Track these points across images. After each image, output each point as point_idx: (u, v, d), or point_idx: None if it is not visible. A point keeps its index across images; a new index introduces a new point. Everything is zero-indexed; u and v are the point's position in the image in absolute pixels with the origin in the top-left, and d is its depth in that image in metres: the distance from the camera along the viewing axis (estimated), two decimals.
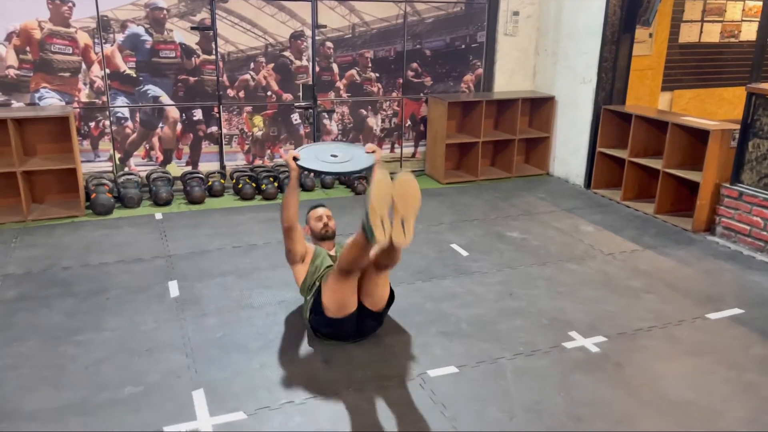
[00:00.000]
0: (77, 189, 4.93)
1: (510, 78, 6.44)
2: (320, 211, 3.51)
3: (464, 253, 4.34)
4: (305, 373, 2.90)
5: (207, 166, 5.59)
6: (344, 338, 3.14)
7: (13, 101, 4.92)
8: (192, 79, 5.35)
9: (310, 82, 5.73)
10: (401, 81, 6.06)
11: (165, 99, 5.32)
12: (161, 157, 5.46)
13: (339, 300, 3.00)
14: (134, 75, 5.18)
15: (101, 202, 4.92)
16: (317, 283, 3.16)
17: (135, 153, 5.38)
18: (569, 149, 6.14)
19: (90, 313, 3.41)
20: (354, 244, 2.84)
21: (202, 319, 3.37)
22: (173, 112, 5.38)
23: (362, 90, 5.95)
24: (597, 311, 3.56)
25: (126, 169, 5.38)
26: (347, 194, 5.63)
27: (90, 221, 4.80)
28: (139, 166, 5.41)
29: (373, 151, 3.38)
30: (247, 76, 5.52)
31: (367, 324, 3.13)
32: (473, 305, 3.60)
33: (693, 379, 2.94)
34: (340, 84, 5.85)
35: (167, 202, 5.19)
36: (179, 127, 5.43)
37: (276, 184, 5.46)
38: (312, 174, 5.19)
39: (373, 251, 2.82)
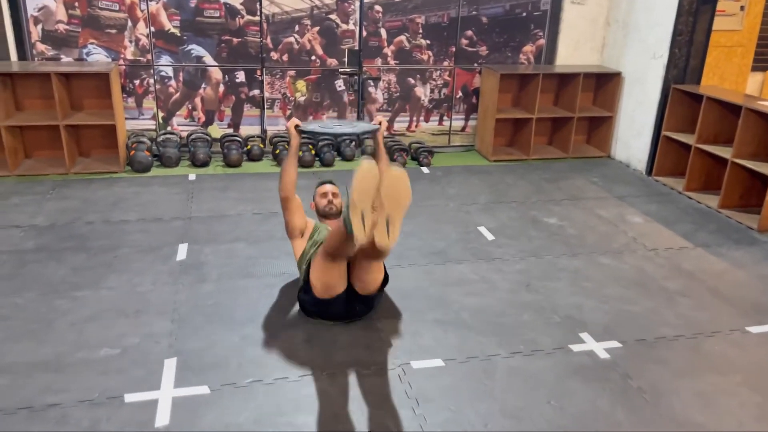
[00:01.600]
0: (118, 145, 5.02)
1: (575, 50, 5.96)
2: (327, 187, 3.37)
3: (490, 236, 4.07)
4: (283, 352, 2.79)
5: (248, 129, 5.55)
6: (332, 319, 3.00)
7: (62, 56, 5.04)
8: (235, 40, 5.29)
9: (357, 48, 5.53)
10: (454, 49, 5.74)
11: (208, 59, 5.29)
12: (203, 118, 5.47)
13: (326, 281, 2.85)
14: (178, 34, 5.17)
15: (139, 160, 4.99)
16: (310, 260, 3.02)
17: (178, 112, 5.41)
18: (633, 131, 5.63)
19: (95, 269, 3.44)
20: (336, 233, 2.67)
21: (199, 285, 3.32)
22: (216, 73, 5.35)
23: (411, 57, 5.68)
24: (619, 312, 3.23)
25: (168, 128, 5.42)
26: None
27: (126, 178, 4.88)
28: (181, 125, 5.45)
29: (379, 122, 3.26)
30: (292, 39, 5.39)
31: (357, 307, 2.97)
32: (482, 294, 3.35)
33: (709, 400, 2.59)
34: (387, 50, 5.61)
35: (204, 164, 5.20)
36: (222, 88, 5.40)
37: (313, 152, 5.35)
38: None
39: (357, 245, 2.61)
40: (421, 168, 5.41)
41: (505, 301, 3.29)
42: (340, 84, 5.62)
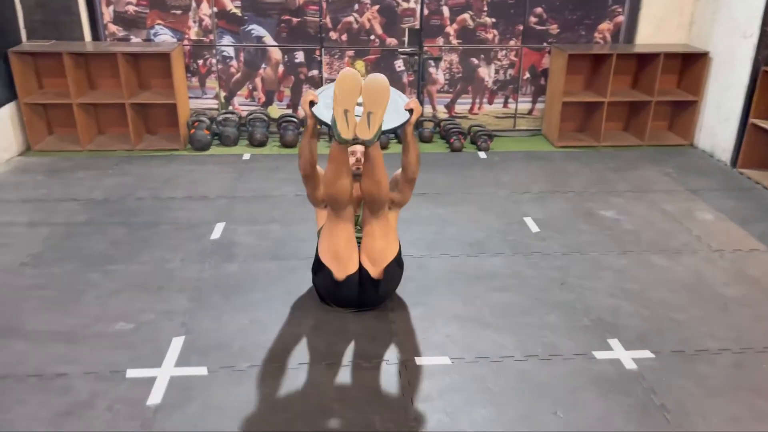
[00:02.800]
0: (179, 124, 5.18)
1: (658, 28, 5.48)
2: (358, 147, 3.09)
3: (535, 228, 3.83)
4: (288, 338, 2.76)
5: None
6: (344, 305, 2.94)
7: (132, 36, 5.24)
8: (295, 19, 5.27)
9: (417, 26, 5.36)
10: (521, 28, 5.43)
11: (268, 39, 5.33)
12: (263, 98, 5.52)
13: (333, 248, 2.78)
14: (239, 14, 5.23)
15: (198, 138, 5.12)
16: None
17: (239, 92, 5.49)
18: (719, 117, 5.11)
19: (132, 244, 3.56)
20: (330, 156, 2.72)
21: (225, 264, 3.36)
22: (275, 54, 5.38)
23: (475, 36, 5.44)
24: (660, 319, 2.94)
25: (230, 107, 5.53)
26: (443, 149, 5.27)
27: (185, 156, 5.03)
28: (242, 105, 5.53)
29: (411, 109, 2.87)
30: (351, 18, 5.31)
31: (368, 293, 2.88)
32: (511, 290, 3.16)
33: (743, 425, 2.30)
34: (450, 29, 5.40)
35: (261, 144, 5.26)
36: (281, 68, 5.43)
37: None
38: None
39: (341, 141, 2.67)
40: (479, 153, 5.19)
41: (533, 299, 3.08)
42: (399, 64, 5.49)
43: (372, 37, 5.38)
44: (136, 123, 5.18)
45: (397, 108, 2.83)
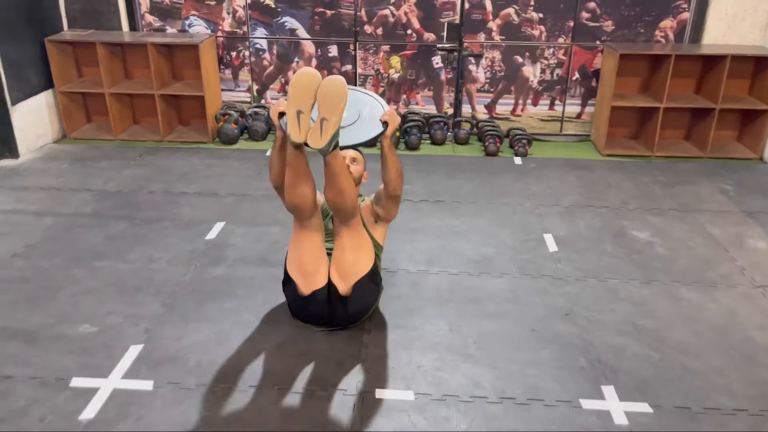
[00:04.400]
0: (207, 117, 5.12)
1: (729, 27, 4.89)
2: (348, 152, 2.89)
3: (553, 247, 3.47)
4: (247, 355, 2.58)
5: None
6: (313, 322, 2.73)
7: (167, 27, 5.22)
8: (329, 12, 5.08)
9: (457, 21, 5.04)
10: (572, 24, 5.00)
11: (301, 32, 5.17)
12: None
13: (299, 259, 2.59)
14: (273, 5, 5.10)
15: (225, 132, 5.04)
16: None
17: (271, 86, 5.38)
18: None
19: (126, 240, 3.50)
20: (287, 161, 2.53)
21: (210, 268, 3.23)
22: (309, 47, 5.21)
23: (520, 33, 5.06)
24: (670, 365, 2.54)
25: (262, 101, 5.42)
26: (478, 152, 4.94)
27: (210, 149, 4.96)
28: (274, 99, 5.41)
29: (386, 121, 2.61)
30: (387, 12, 5.06)
31: (338, 311, 2.65)
32: (506, 317, 2.85)
33: None
34: (492, 24, 5.04)
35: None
36: (314, 62, 5.25)
37: (398, 134, 5.01)
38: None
39: (291, 143, 2.44)
40: (515, 158, 4.83)
41: (528, 331, 2.76)
42: (437, 61, 5.19)
43: (408, 31, 5.11)
44: (167, 114, 5.17)
45: (373, 116, 2.58)
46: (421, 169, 4.56)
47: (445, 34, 5.10)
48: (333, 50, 5.21)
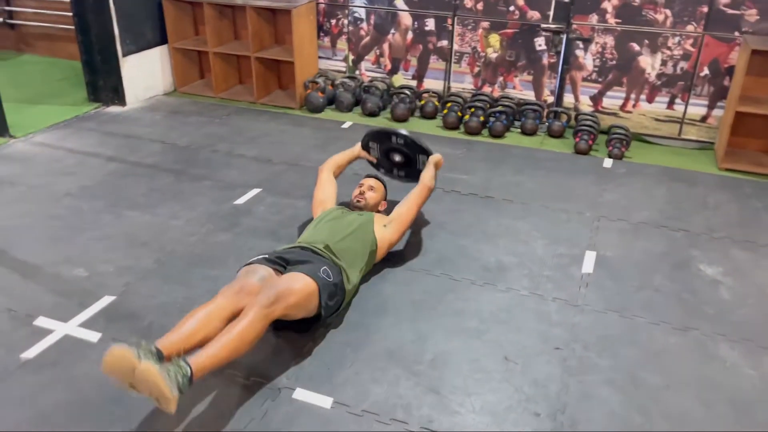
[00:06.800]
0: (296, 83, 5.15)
1: None
2: (367, 180, 3.18)
3: (588, 268, 2.99)
4: None
5: (431, 83, 5.10)
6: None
7: None
8: None
9: None
10: (706, 10, 4.21)
11: (399, 3, 4.95)
12: (389, 66, 5.20)
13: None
14: None
15: (310, 100, 5.04)
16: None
17: (366, 57, 5.25)
18: None
19: (165, 194, 3.64)
20: None
21: (219, 233, 3.24)
22: (406, 19, 4.98)
23: (639, 17, 4.38)
24: None
25: (356, 72, 5.33)
26: (568, 149, 4.42)
27: (293, 116, 4.99)
28: (368, 71, 5.29)
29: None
30: None
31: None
32: (480, 338, 2.51)
33: None
34: (607, 4, 4.42)
35: (372, 113, 4.98)
36: (410, 35, 5.02)
37: (482, 119, 4.63)
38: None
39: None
40: (606, 159, 4.23)
41: (499, 358, 2.40)
42: (540, 42, 4.69)
43: (511, 8, 4.66)
44: (264, 77, 5.28)
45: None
46: (490, 159, 4.19)
47: (551, 12, 4.58)
48: (430, 23, 4.93)
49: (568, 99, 4.77)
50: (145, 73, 5.22)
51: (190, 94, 5.41)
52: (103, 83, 5.03)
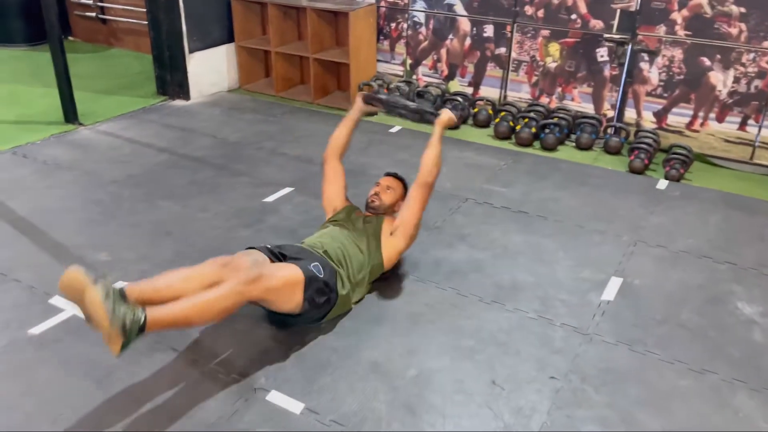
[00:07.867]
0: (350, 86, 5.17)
1: None
2: (385, 179, 3.09)
3: (609, 295, 2.80)
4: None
5: (487, 91, 4.96)
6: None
7: None
8: None
9: (633, 8, 4.24)
10: None
11: (459, 8, 4.86)
12: (446, 72, 5.12)
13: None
14: None
15: None
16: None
17: (423, 62, 5.19)
18: None
19: (202, 187, 3.75)
20: None
21: (241, 229, 3.31)
22: (464, 25, 4.88)
23: (711, 30, 4.06)
24: None
25: (413, 77, 5.28)
26: (622, 167, 4.16)
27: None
28: (425, 76, 5.23)
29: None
30: None
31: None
32: (471, 359, 2.41)
33: None
34: (677, 15, 4.13)
35: (426, 121, 4.90)
36: (468, 42, 4.92)
37: (533, 130, 4.45)
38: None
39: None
40: (661, 180, 3.95)
41: (486, 382, 2.29)
42: (603, 53, 4.46)
43: (573, 16, 4.46)
44: (323, 78, 5.35)
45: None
46: (534, 173, 4.02)
47: (616, 22, 4.34)
48: (488, 30, 4.81)
49: (630, 114, 4.50)
50: (211, 69, 5.42)
51: (252, 91, 5.57)
52: (170, 78, 5.27)
